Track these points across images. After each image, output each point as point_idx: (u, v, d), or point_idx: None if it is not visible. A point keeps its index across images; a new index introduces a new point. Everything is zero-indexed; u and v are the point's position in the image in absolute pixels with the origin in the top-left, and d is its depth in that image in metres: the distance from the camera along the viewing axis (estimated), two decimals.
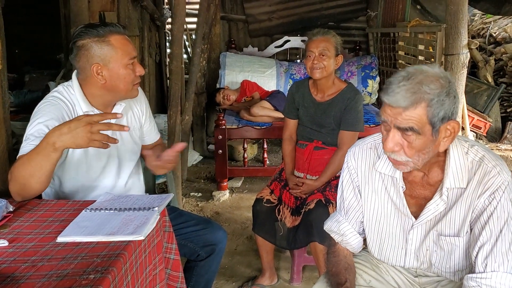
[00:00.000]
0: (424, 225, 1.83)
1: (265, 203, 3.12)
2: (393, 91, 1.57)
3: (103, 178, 2.30)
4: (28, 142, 1.98)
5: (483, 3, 5.89)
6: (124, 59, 2.13)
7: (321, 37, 3.05)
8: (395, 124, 1.59)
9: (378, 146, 1.90)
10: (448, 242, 1.80)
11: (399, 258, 1.94)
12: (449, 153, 1.72)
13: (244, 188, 5.31)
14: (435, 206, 1.76)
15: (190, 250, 2.47)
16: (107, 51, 2.10)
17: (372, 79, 6.21)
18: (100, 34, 2.10)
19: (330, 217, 2.09)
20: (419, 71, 1.59)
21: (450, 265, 1.85)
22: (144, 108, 2.49)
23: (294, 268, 3.29)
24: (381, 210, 1.91)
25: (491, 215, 1.67)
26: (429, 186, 1.79)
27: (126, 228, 1.66)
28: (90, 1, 3.75)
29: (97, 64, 2.10)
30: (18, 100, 6.36)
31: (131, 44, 2.19)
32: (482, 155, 1.71)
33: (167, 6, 6.71)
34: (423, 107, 1.55)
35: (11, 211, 1.81)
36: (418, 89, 1.55)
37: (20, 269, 1.42)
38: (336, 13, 7.18)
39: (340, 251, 2.01)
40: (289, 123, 3.32)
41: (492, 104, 6.23)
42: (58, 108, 2.11)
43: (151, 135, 2.57)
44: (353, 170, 1.95)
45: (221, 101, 5.80)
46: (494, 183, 1.66)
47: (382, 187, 1.88)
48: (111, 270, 1.40)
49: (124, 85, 2.17)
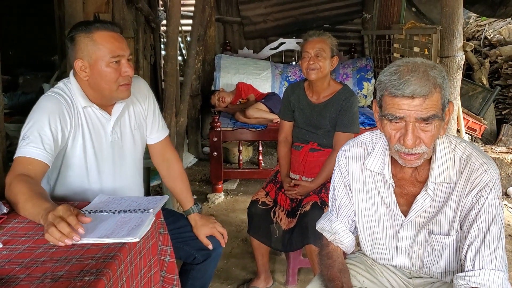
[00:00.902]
0: (413, 222, 1.83)
1: (260, 205, 3.11)
2: (405, 84, 1.55)
3: (100, 180, 2.26)
4: (27, 142, 1.96)
5: (478, 5, 5.90)
6: (106, 57, 2.08)
7: (317, 38, 3.05)
8: (416, 116, 1.57)
9: (368, 144, 1.90)
10: (439, 241, 1.80)
11: (391, 257, 1.94)
12: (435, 148, 1.72)
13: (239, 190, 5.31)
14: (422, 202, 1.77)
15: (186, 253, 2.45)
16: (90, 47, 2.07)
17: (368, 81, 6.22)
18: (87, 30, 2.08)
19: (322, 217, 2.09)
20: (411, 62, 1.61)
21: (441, 265, 1.85)
22: (147, 104, 2.42)
23: (289, 271, 3.28)
24: (372, 209, 1.91)
25: (478, 212, 1.67)
26: (418, 183, 1.80)
27: (121, 230, 1.64)
28: (85, 3, 3.74)
29: (80, 60, 2.09)
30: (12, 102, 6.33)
31: (118, 42, 2.12)
32: (470, 152, 1.72)
33: (162, 8, 6.70)
34: (438, 92, 1.57)
35: (5, 212, 1.80)
36: (429, 76, 1.56)
37: (14, 271, 1.40)
38: (331, 15, 7.19)
39: (333, 252, 2.00)
40: (285, 125, 3.31)
41: (487, 106, 6.24)
42: (57, 103, 2.09)
43: (154, 133, 2.49)
44: (344, 169, 1.96)
45: (216, 103, 5.81)
46: (481, 180, 1.67)
47: (373, 185, 1.89)
48: (106, 272, 1.39)
49: (106, 84, 2.11)
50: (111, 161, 2.28)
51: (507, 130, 6.20)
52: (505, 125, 6.29)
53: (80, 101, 2.14)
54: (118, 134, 2.28)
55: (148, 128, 2.46)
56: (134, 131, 2.36)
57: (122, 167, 2.34)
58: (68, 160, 2.16)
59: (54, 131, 2.01)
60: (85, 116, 2.17)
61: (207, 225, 2.45)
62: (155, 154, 2.55)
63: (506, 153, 5.56)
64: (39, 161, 1.94)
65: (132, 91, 2.31)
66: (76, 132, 2.13)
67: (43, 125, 2.00)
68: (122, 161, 2.33)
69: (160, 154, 2.54)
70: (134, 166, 2.41)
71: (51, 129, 2.00)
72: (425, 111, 1.56)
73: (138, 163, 2.46)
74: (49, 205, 1.69)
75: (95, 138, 2.20)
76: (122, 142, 2.31)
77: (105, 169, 2.27)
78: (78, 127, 2.14)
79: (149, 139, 2.49)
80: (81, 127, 2.15)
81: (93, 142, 2.20)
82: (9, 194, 1.86)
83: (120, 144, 2.30)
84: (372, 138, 1.90)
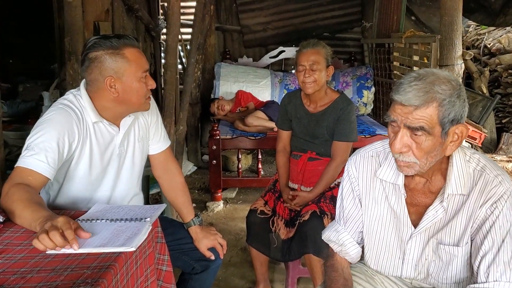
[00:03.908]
0: (423, 233, 1.82)
1: (259, 214, 3.09)
2: (405, 90, 1.58)
3: (102, 190, 2.26)
4: (31, 154, 1.93)
5: (477, 14, 5.91)
6: (137, 73, 2.10)
7: (311, 50, 3.03)
8: (405, 123, 1.59)
9: (379, 154, 1.90)
10: (447, 252, 1.79)
11: (397, 268, 1.93)
12: (451, 159, 1.72)
13: (238, 198, 5.29)
14: (434, 213, 1.76)
15: (185, 263, 2.45)
16: (121, 64, 2.06)
17: (367, 89, 6.22)
18: (114, 46, 2.06)
19: (328, 227, 2.08)
20: (430, 73, 1.61)
21: (447, 276, 1.84)
22: (150, 114, 2.42)
23: (288, 280, 3.26)
24: (380, 220, 1.90)
25: (493, 224, 1.66)
26: (430, 194, 1.79)
27: (117, 239, 1.63)
28: (85, 11, 3.75)
29: (110, 77, 2.06)
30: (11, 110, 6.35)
31: (143, 57, 2.15)
32: (484, 164, 1.72)
33: (162, 16, 6.72)
34: (435, 107, 1.56)
35: (1, 222, 1.78)
36: (431, 89, 1.56)
37: (9, 280, 1.39)
38: (331, 24, 7.20)
39: (338, 264, 1.99)
40: (283, 134, 3.30)
41: (487, 115, 6.23)
42: (68, 117, 2.06)
43: (156, 143, 2.48)
44: (354, 179, 1.94)
45: (215, 111, 5.81)
46: (496, 192, 1.66)
47: (383, 196, 1.88)
48: (101, 282, 1.38)
49: (137, 99, 2.14)
50: (115, 172, 2.28)
51: (507, 139, 6.20)
52: (505, 133, 6.29)
53: (90, 116, 2.13)
54: (125, 147, 2.28)
55: (151, 138, 2.46)
56: (138, 142, 2.36)
57: (125, 177, 2.34)
58: (72, 172, 2.15)
59: (61, 145, 1.99)
60: (94, 130, 2.15)
61: (208, 237, 2.44)
62: (157, 165, 2.53)
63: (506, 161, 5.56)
64: (40, 174, 1.92)
65: None
66: (84, 145, 2.12)
67: (50, 138, 1.97)
68: (125, 172, 2.33)
69: (161, 165, 2.53)
70: (136, 176, 2.42)
71: (58, 143, 1.98)
72: (415, 121, 1.57)
73: (140, 173, 2.46)
74: (48, 214, 1.68)
75: (103, 151, 2.20)
76: (128, 154, 2.31)
77: (109, 180, 2.27)
78: (85, 141, 2.13)
79: (151, 149, 2.49)
80: (89, 141, 2.14)
81: (101, 155, 2.19)
82: (5, 202, 1.84)
83: (126, 155, 2.30)
84: (384, 148, 1.90)
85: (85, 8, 3.77)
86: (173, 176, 2.54)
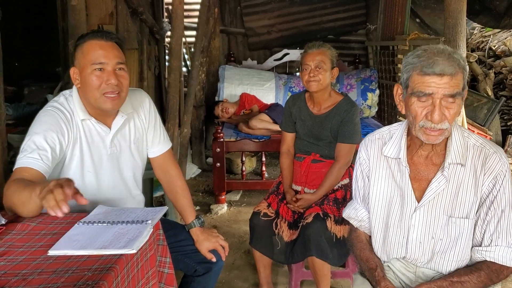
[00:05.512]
0: (426, 206, 1.92)
1: (262, 216, 3.09)
2: (436, 62, 1.71)
3: (99, 192, 2.25)
4: (25, 154, 1.97)
5: (482, 16, 5.90)
6: (88, 64, 2.10)
7: (317, 50, 3.05)
8: (444, 93, 1.72)
9: (385, 136, 2.06)
10: (458, 225, 1.90)
11: (401, 248, 2.01)
12: (450, 133, 1.87)
13: (242, 201, 5.29)
14: (437, 184, 1.89)
15: (187, 266, 2.44)
16: (80, 55, 2.12)
17: (372, 92, 6.21)
18: (81, 39, 2.14)
19: (348, 205, 2.26)
20: (435, 47, 1.78)
21: (452, 253, 1.93)
22: (148, 117, 2.42)
23: (291, 283, 3.25)
24: (386, 197, 2.04)
25: (494, 198, 1.85)
26: (433, 166, 1.93)
27: (118, 241, 1.63)
28: (89, 15, 3.76)
29: (73, 68, 2.14)
30: (16, 113, 6.36)
31: (103, 50, 2.11)
32: (483, 141, 1.90)
33: (166, 19, 6.73)
34: (461, 73, 1.75)
35: (3, 224, 1.79)
36: (454, 59, 1.73)
37: (11, 282, 1.40)
38: (335, 26, 7.21)
39: (362, 235, 2.17)
40: (287, 136, 3.31)
41: (492, 117, 6.21)
42: (55, 118, 2.10)
43: (155, 146, 2.48)
44: (364, 161, 2.11)
45: (220, 114, 5.80)
46: (496, 166, 1.85)
47: (389, 173, 2.02)
48: (102, 284, 1.38)
49: (90, 92, 2.12)
50: (110, 174, 2.28)
51: None
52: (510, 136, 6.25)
53: (79, 114, 2.16)
54: (118, 147, 2.28)
55: (149, 141, 2.46)
56: (134, 144, 2.36)
57: (122, 179, 2.34)
58: (65, 173, 2.16)
59: (51, 143, 2.02)
60: (83, 129, 2.18)
61: (209, 240, 2.43)
62: (157, 168, 2.54)
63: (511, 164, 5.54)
64: (35, 170, 1.93)
65: (134, 104, 2.32)
66: (74, 145, 2.14)
67: (39, 137, 2.01)
68: (121, 173, 2.33)
69: (161, 168, 2.53)
70: (134, 179, 2.41)
71: (47, 141, 2.01)
72: (452, 89, 1.72)
73: (138, 175, 2.45)
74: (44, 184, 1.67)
75: (94, 151, 2.21)
76: (122, 155, 2.31)
77: (105, 182, 2.27)
78: (76, 140, 2.15)
79: (150, 152, 2.49)
80: (79, 140, 2.16)
81: (92, 155, 2.20)
82: (6, 200, 1.86)
83: (120, 156, 2.30)
84: (390, 130, 2.07)
85: (89, 11, 3.78)
86: (173, 180, 2.53)
